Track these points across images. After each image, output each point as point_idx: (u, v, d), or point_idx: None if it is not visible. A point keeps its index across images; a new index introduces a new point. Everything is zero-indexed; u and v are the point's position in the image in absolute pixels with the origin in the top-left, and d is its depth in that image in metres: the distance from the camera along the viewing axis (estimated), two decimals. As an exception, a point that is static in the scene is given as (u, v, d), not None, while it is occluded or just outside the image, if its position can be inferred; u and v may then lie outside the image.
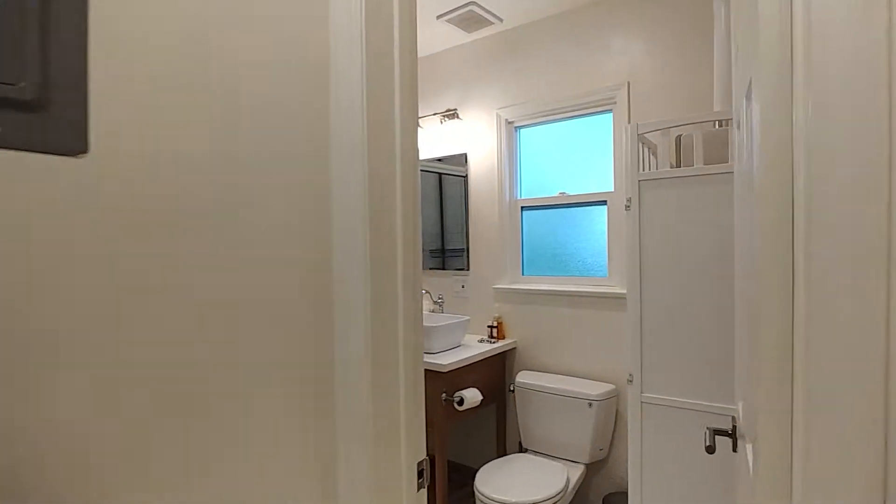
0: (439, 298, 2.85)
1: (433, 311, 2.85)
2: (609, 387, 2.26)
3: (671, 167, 1.84)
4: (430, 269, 3.00)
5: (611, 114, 2.40)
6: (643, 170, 1.81)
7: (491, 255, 2.76)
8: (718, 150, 1.74)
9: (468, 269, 2.86)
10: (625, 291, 2.28)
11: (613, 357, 2.34)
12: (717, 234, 1.62)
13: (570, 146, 2.57)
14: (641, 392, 1.77)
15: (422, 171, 3.03)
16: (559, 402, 2.28)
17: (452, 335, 2.44)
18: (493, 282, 2.75)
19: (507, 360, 2.69)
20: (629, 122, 2.29)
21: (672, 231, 1.70)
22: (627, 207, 1.80)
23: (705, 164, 1.67)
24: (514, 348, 2.66)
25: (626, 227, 1.82)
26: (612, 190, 2.38)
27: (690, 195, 1.67)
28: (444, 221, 2.96)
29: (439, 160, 2.94)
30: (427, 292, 2.84)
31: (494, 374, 2.59)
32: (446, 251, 2.96)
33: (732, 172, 1.59)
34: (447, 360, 2.24)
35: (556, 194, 2.58)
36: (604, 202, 2.42)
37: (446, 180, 2.94)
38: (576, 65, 2.44)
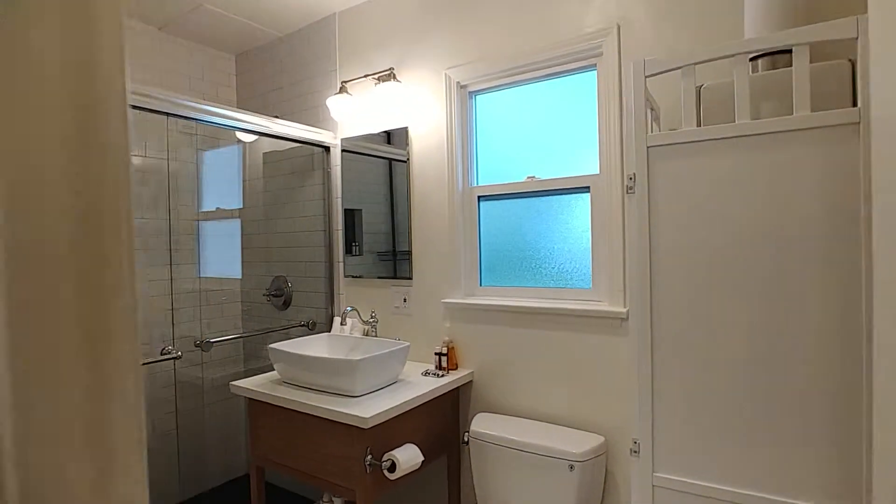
0: (372, 317, 2.19)
1: (367, 335, 2.19)
2: (597, 440, 1.66)
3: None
4: (379, 277, 2.32)
5: (594, 71, 1.80)
6: (653, 131, 1.21)
7: (440, 261, 2.12)
8: (761, 102, 1.15)
9: (411, 279, 2.21)
10: (615, 309, 1.68)
11: (603, 398, 1.73)
12: (782, 224, 1.02)
13: (541, 117, 1.96)
14: (654, 470, 1.16)
15: (366, 155, 2.37)
16: (530, 462, 1.66)
17: (385, 369, 1.79)
18: (442, 294, 2.11)
19: (460, 398, 2.05)
20: (620, 79, 1.69)
21: (701, 222, 1.10)
22: (630, 190, 1.18)
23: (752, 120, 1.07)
24: (470, 382, 2.03)
25: (629, 219, 1.21)
26: (598, 172, 1.78)
27: (732, 166, 1.07)
28: (396, 217, 2.30)
29: (388, 141, 2.27)
30: (354, 309, 2.17)
31: (443, 417, 1.95)
32: (398, 254, 2.30)
33: (805, 130, 1.00)
34: (373, 408, 1.59)
35: (524, 179, 1.96)
36: (586, 189, 1.82)
37: (396, 167, 2.27)
38: (546, 6, 1.83)
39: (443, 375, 1.95)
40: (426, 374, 1.97)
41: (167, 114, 1.87)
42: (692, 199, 1.11)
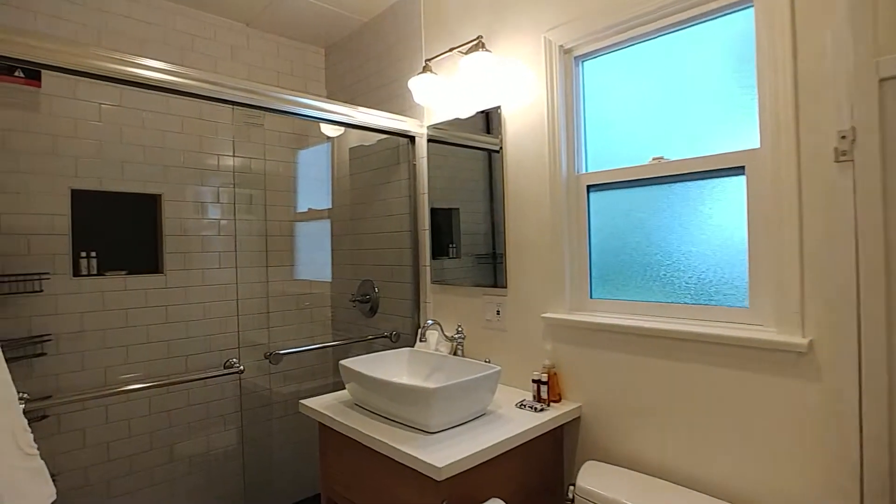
0: (458, 332, 1.87)
1: (455, 353, 1.88)
2: (760, 524, 1.17)
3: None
4: (476, 285, 1.97)
5: (750, 8, 1.30)
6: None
7: (539, 266, 1.74)
8: None
9: (506, 287, 1.86)
10: (789, 339, 1.17)
11: (768, 463, 1.23)
12: None
13: (669, 82, 1.50)
14: None
15: (455, 145, 2.06)
16: (658, 542, 1.22)
17: (469, 399, 1.46)
18: (542, 308, 1.73)
19: (564, 440, 1.65)
20: (793, 15, 1.19)
21: None
22: (843, 155, 0.73)
23: None
24: (578, 419, 1.62)
25: (825, 203, 0.75)
26: (758, 146, 1.28)
27: None
28: (495, 216, 1.95)
29: (487, 129, 1.92)
30: (436, 323, 1.87)
31: (542, 463, 1.57)
32: (497, 257, 1.95)
33: None
34: (451, 452, 1.26)
35: (648, 162, 1.52)
36: (739, 170, 1.32)
37: (495, 160, 1.91)
38: (682, -71, 1.37)
39: (542, 409, 1.57)
40: (521, 405, 1.61)
41: (236, 103, 1.73)
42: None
